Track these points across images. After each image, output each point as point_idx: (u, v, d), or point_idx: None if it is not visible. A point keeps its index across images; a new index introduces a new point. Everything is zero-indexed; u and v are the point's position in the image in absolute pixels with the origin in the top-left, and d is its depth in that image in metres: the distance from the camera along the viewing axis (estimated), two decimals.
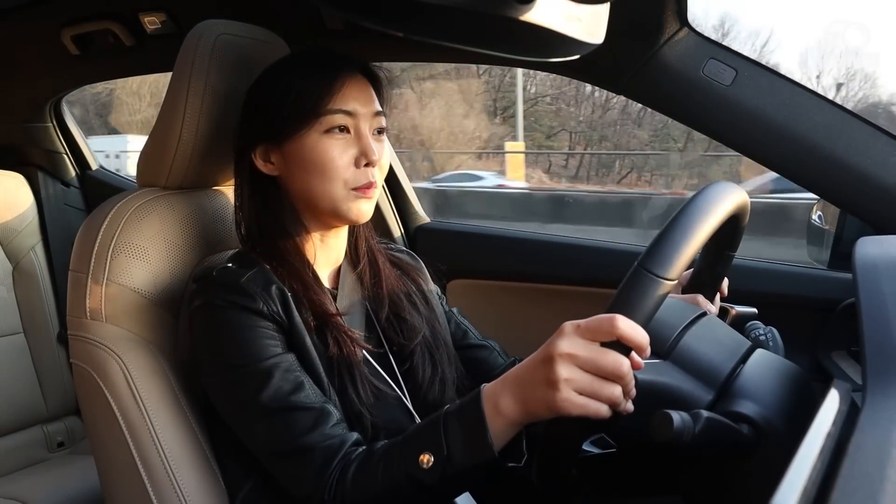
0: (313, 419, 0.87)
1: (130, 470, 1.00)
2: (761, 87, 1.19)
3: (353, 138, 0.97)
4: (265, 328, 0.92)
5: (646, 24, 1.21)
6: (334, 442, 0.86)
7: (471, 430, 0.78)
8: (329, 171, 0.96)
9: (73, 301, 1.04)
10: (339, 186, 0.96)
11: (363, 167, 0.97)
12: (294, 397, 0.88)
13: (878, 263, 0.79)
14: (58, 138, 2.16)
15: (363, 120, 0.98)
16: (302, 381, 0.90)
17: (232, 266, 0.96)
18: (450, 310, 1.20)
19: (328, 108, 0.95)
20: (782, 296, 1.35)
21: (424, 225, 1.85)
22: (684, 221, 0.78)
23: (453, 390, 1.06)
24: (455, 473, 0.79)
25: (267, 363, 0.90)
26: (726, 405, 0.83)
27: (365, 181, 0.97)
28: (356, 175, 0.97)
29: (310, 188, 0.98)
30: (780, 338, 1.10)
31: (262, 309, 0.91)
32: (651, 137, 16.50)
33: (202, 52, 1.05)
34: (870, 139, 1.15)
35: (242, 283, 0.92)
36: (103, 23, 1.64)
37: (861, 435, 0.57)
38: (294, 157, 0.98)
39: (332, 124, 0.96)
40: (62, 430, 1.98)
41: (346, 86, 0.97)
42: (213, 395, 0.96)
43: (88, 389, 1.02)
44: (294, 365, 0.92)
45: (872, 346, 0.68)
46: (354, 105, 0.97)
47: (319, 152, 0.96)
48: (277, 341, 0.92)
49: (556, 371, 0.73)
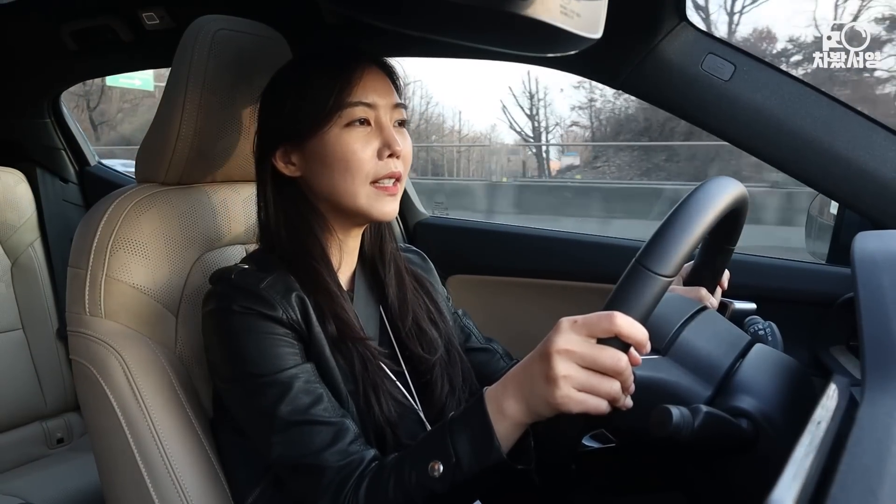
0: (332, 435, 0.86)
1: (130, 465, 1.00)
2: (760, 82, 1.19)
3: (374, 130, 0.96)
4: (284, 336, 0.90)
5: (644, 20, 1.20)
6: (354, 459, 0.85)
7: (477, 435, 0.78)
8: (352, 165, 0.94)
9: (72, 297, 1.04)
10: (361, 181, 0.94)
11: (386, 158, 0.95)
12: (313, 410, 0.87)
13: (876, 258, 0.79)
14: (56, 134, 2.16)
15: (383, 111, 0.96)
16: (321, 394, 0.89)
17: (250, 268, 0.94)
18: (455, 311, 1.19)
19: (348, 100, 0.94)
20: (781, 290, 1.35)
21: (424, 220, 1.85)
22: (682, 217, 0.78)
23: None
24: (465, 479, 0.78)
25: (287, 374, 0.88)
26: (725, 400, 0.83)
27: (387, 172, 0.95)
28: (379, 167, 0.95)
29: (333, 185, 0.95)
30: (778, 332, 1.10)
31: (281, 317, 0.89)
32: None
33: (201, 47, 1.05)
34: (869, 134, 1.15)
35: (262, 290, 0.90)
36: (102, 18, 1.64)
37: (860, 429, 0.57)
38: (316, 155, 0.95)
39: (353, 117, 0.94)
40: (61, 427, 1.99)
41: (364, 77, 0.95)
42: (229, 400, 0.94)
43: (88, 385, 1.02)
44: (313, 376, 0.90)
45: (871, 340, 0.68)
46: (374, 97, 0.95)
47: (342, 146, 0.94)
48: (297, 350, 0.90)
49: (554, 368, 0.73)
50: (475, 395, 0.81)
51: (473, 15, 0.73)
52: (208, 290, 0.96)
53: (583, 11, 0.74)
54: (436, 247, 1.74)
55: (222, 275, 0.95)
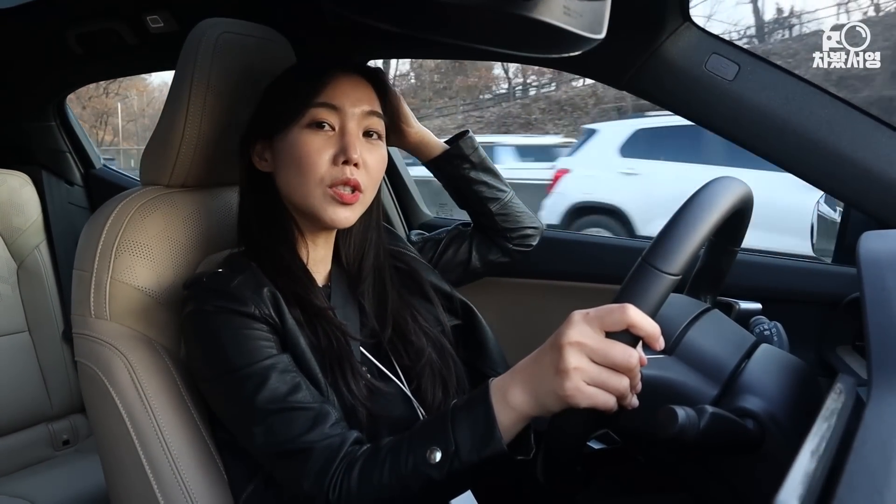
0: (311, 419, 0.87)
1: (136, 468, 1.00)
2: (764, 82, 1.19)
3: (336, 135, 0.97)
4: (258, 330, 0.91)
5: (648, 20, 1.20)
6: (334, 441, 0.86)
7: (479, 424, 0.78)
8: (305, 166, 0.96)
9: (78, 299, 1.05)
10: (315, 183, 0.96)
11: (342, 165, 0.96)
12: (291, 398, 0.88)
13: (882, 258, 0.79)
14: (61, 137, 2.17)
15: (351, 118, 0.97)
16: (299, 382, 0.90)
17: (222, 271, 0.96)
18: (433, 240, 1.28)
19: (313, 101, 0.96)
20: (787, 290, 1.35)
21: (428, 221, 1.85)
22: (688, 216, 0.78)
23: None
24: (463, 468, 0.78)
25: (262, 364, 0.89)
26: (731, 401, 0.83)
27: (342, 178, 0.96)
28: (334, 172, 0.96)
29: (289, 182, 0.98)
30: (784, 333, 1.10)
31: (253, 312, 0.91)
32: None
33: (204, 50, 1.05)
34: (874, 133, 1.15)
35: (233, 288, 0.92)
36: (107, 22, 1.64)
37: (866, 430, 0.57)
38: (281, 152, 0.99)
39: (316, 118, 0.96)
40: (67, 429, 1.99)
41: (334, 81, 0.97)
42: (210, 399, 0.97)
43: (93, 387, 1.03)
44: (290, 366, 0.91)
45: (877, 340, 0.68)
46: (342, 100, 0.97)
47: (300, 146, 0.96)
48: (272, 342, 0.92)
49: (566, 359, 0.72)
50: (481, 385, 0.81)
51: (476, 16, 0.74)
52: (183, 295, 0.98)
53: (586, 12, 0.74)
54: None
55: (195, 279, 0.97)
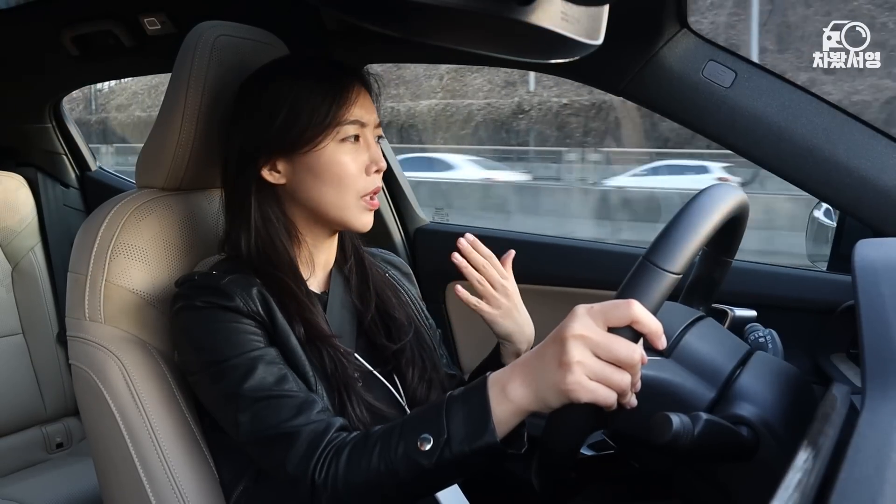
0: (297, 406, 0.88)
1: (129, 471, 1.00)
2: (761, 89, 1.19)
3: (362, 146, 1.01)
4: (246, 324, 0.93)
5: (645, 26, 1.21)
6: (319, 425, 0.86)
7: (473, 415, 0.77)
8: (344, 180, 0.99)
9: (72, 302, 1.04)
10: (351, 195, 1.00)
11: (373, 174, 1.01)
12: (278, 387, 0.89)
13: (877, 266, 0.79)
14: (57, 139, 2.16)
15: (369, 128, 1.02)
16: (286, 374, 0.91)
17: (215, 272, 0.97)
18: (436, 331, 1.21)
19: (343, 118, 0.98)
20: (781, 298, 1.35)
21: (424, 226, 1.85)
22: (689, 216, 0.79)
23: (439, 391, 1.06)
24: (453, 458, 0.77)
25: (250, 355, 0.90)
26: (725, 408, 0.83)
27: (374, 187, 1.01)
28: (367, 182, 1.00)
29: (321, 196, 1.00)
30: (779, 340, 1.10)
31: (241, 307, 0.92)
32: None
33: (201, 52, 1.05)
34: (869, 141, 1.15)
35: (222, 285, 0.93)
36: (103, 24, 1.64)
37: (860, 438, 0.57)
38: (307, 167, 0.99)
39: (347, 134, 0.99)
40: (61, 431, 1.98)
41: (356, 96, 1.00)
42: (199, 392, 0.97)
43: (87, 390, 1.02)
44: (277, 358, 0.92)
45: (871, 348, 0.68)
46: (363, 114, 1.00)
47: (336, 162, 0.98)
48: (260, 336, 0.93)
49: (569, 352, 0.71)
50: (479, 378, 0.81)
51: (475, 21, 0.74)
52: (174, 293, 0.98)
53: (583, 18, 0.74)
54: (436, 253, 1.74)
55: (187, 278, 0.98)
